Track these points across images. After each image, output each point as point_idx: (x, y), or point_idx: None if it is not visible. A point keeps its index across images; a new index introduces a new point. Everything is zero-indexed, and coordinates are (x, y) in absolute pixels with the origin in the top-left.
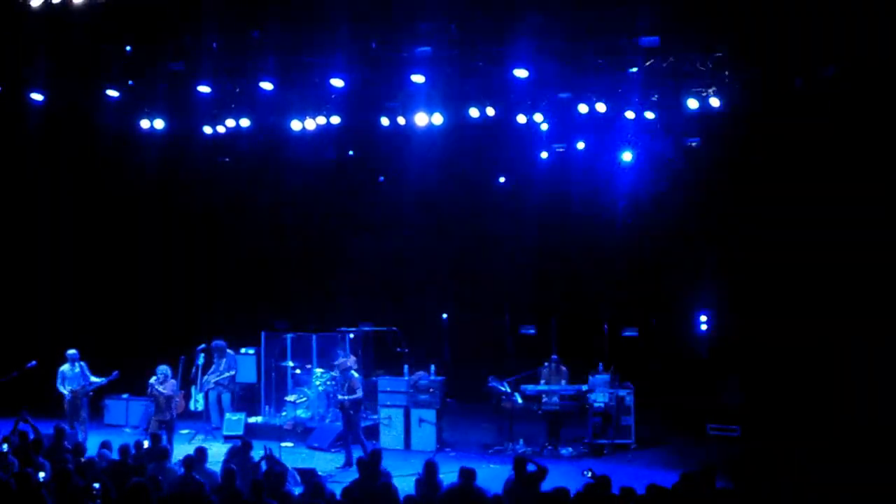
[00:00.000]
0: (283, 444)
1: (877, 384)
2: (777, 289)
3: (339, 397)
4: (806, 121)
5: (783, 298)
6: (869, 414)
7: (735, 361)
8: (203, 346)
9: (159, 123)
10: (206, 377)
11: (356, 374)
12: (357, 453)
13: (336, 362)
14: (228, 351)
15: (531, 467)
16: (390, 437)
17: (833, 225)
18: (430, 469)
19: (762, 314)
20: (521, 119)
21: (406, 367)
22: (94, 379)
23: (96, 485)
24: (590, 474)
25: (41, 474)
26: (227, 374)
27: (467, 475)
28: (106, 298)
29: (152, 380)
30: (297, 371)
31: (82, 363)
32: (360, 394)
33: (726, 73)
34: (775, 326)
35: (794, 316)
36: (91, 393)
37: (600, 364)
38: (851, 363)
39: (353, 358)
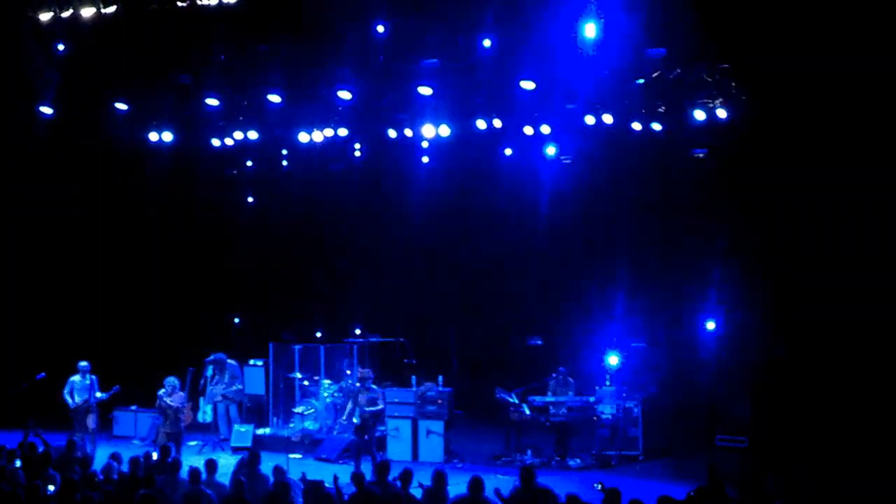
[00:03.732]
0: (291, 456)
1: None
2: (785, 296)
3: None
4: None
5: (791, 306)
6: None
7: (744, 372)
8: (212, 357)
9: (168, 136)
10: (212, 388)
11: (375, 387)
12: (367, 465)
13: (359, 375)
14: (230, 362)
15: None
16: (398, 448)
17: (844, 233)
18: (439, 479)
19: (770, 324)
20: (528, 130)
21: (414, 378)
22: (98, 394)
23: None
24: (600, 487)
25: (51, 487)
26: (234, 388)
27: (475, 485)
28: (115, 310)
29: (160, 392)
30: (306, 383)
31: (93, 376)
32: (381, 406)
33: (733, 83)
34: (784, 336)
35: (802, 325)
36: (94, 408)
37: (607, 375)
38: (861, 370)
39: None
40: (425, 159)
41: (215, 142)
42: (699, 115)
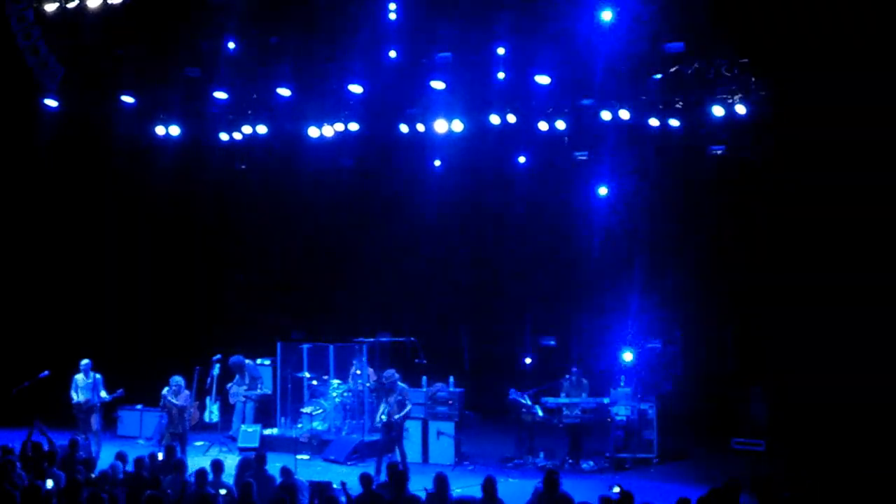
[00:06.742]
0: (299, 457)
1: None
2: (800, 298)
3: (396, 417)
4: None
5: (806, 308)
6: None
7: (760, 373)
8: (219, 356)
9: (175, 130)
10: (233, 387)
11: (403, 385)
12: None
13: (384, 377)
14: (247, 362)
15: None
16: (408, 450)
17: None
18: (441, 483)
19: (787, 325)
20: (543, 126)
21: (424, 378)
22: (103, 394)
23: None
24: (617, 490)
25: (49, 483)
26: (259, 392)
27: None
28: (120, 307)
29: (165, 391)
30: (314, 382)
31: (97, 375)
32: (409, 406)
33: (752, 79)
34: (800, 337)
35: (819, 326)
36: (97, 408)
37: (622, 377)
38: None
39: (371, 370)
40: (437, 162)
41: (223, 136)
42: (718, 111)
